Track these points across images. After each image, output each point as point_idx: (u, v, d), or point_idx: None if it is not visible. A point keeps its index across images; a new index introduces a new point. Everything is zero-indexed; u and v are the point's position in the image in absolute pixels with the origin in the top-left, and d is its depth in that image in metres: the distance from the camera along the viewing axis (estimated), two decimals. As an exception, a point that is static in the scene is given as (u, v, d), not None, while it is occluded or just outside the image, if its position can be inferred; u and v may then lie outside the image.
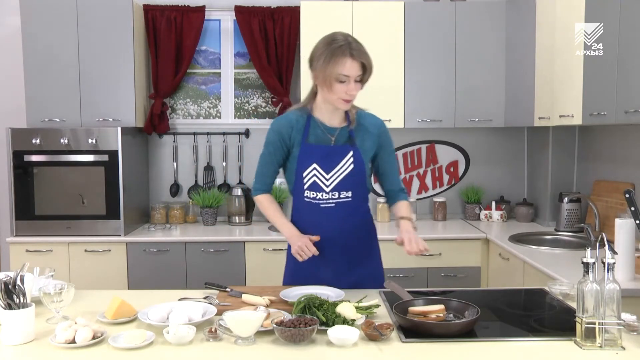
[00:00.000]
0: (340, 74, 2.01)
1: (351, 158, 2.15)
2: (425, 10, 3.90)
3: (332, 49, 2.01)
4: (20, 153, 3.63)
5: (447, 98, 3.93)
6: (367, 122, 2.21)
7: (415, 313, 1.79)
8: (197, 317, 1.77)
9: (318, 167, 2.14)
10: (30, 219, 3.65)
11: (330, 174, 2.15)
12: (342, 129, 2.18)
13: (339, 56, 2.00)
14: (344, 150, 2.15)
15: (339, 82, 2.03)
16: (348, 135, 2.17)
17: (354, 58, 2.01)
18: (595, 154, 3.61)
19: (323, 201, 2.16)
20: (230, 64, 4.28)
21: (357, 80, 2.05)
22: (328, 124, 2.18)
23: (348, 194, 2.16)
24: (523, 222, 4.04)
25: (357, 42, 2.05)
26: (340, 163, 2.14)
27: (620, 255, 2.35)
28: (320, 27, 3.80)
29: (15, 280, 1.67)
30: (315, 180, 2.15)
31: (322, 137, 2.17)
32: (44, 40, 3.73)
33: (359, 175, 2.16)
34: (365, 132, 2.20)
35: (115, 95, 3.79)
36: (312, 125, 2.17)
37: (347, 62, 2.00)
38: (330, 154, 2.15)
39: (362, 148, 2.18)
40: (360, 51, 2.02)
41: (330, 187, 2.15)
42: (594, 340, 1.59)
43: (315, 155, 2.14)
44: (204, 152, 4.27)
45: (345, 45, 2.01)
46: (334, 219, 2.17)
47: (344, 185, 2.15)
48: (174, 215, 4.13)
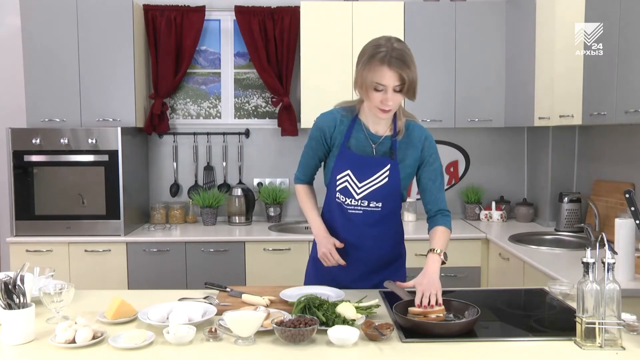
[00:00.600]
0: (377, 82, 1.91)
1: (387, 172, 2.07)
2: (425, 10, 3.90)
3: (371, 54, 1.91)
4: (20, 153, 3.62)
5: (447, 98, 3.93)
6: (414, 134, 2.11)
7: (415, 313, 1.79)
8: (197, 317, 1.77)
9: (351, 175, 2.08)
10: (30, 219, 3.65)
11: (362, 183, 2.08)
12: (386, 137, 2.09)
13: (376, 64, 1.89)
14: (382, 162, 2.07)
15: (376, 91, 1.93)
16: (390, 145, 2.09)
17: (391, 68, 1.89)
18: (595, 154, 3.61)
19: (351, 207, 2.12)
20: (230, 64, 4.27)
21: (396, 90, 1.92)
22: (372, 130, 2.10)
23: (378, 204, 2.10)
24: (523, 222, 4.04)
25: (402, 50, 1.91)
26: (375, 175, 2.07)
27: (620, 255, 2.35)
28: (320, 27, 3.82)
29: (15, 280, 1.67)
30: (346, 186, 2.10)
31: (363, 142, 2.09)
32: (44, 40, 3.73)
33: (392, 189, 2.09)
34: (410, 145, 2.10)
35: (115, 95, 3.79)
36: (356, 127, 2.10)
37: (383, 71, 1.89)
38: (367, 164, 2.08)
39: (403, 162, 2.09)
40: (400, 61, 1.89)
41: (360, 196, 2.09)
42: (594, 340, 1.59)
43: (351, 163, 2.08)
44: (204, 152, 4.27)
45: (385, 53, 1.89)
46: (360, 225, 2.13)
47: (375, 196, 2.09)
48: (174, 215, 4.12)
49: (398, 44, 1.93)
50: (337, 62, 3.83)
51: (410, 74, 1.91)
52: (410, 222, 4.14)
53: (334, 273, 2.19)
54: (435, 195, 2.15)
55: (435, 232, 2.10)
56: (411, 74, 1.91)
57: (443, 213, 2.14)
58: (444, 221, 2.13)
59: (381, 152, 2.10)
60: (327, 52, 3.85)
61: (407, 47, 1.96)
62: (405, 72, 1.90)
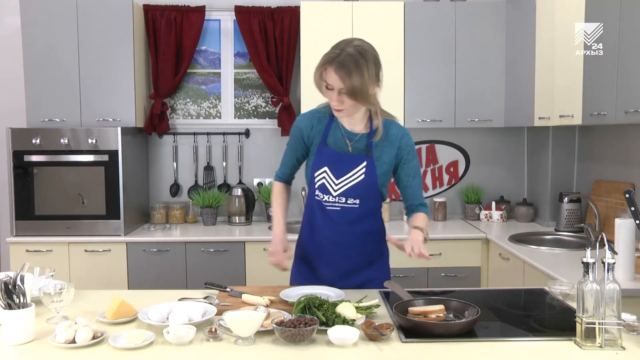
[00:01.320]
0: (325, 81, 1.98)
1: (364, 169, 2.10)
2: (425, 10, 3.90)
3: (325, 53, 1.98)
4: (20, 153, 3.63)
5: (447, 98, 3.93)
6: (391, 132, 2.15)
7: (415, 313, 1.79)
8: (197, 317, 1.77)
9: (328, 171, 2.12)
10: (30, 219, 3.65)
11: (339, 180, 2.12)
12: (362, 135, 2.13)
13: (324, 63, 1.96)
14: (358, 159, 2.11)
15: (327, 89, 1.99)
16: (367, 143, 2.12)
17: (334, 70, 1.93)
18: (595, 154, 3.61)
19: (329, 204, 2.14)
20: (230, 64, 4.28)
21: (343, 92, 1.96)
22: (349, 128, 2.13)
23: (356, 201, 2.13)
24: (523, 222, 4.04)
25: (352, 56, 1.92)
26: (351, 172, 2.11)
27: (620, 255, 2.35)
28: (320, 27, 3.82)
29: (15, 280, 1.67)
30: (324, 183, 2.13)
31: (340, 140, 2.13)
32: (44, 40, 3.73)
33: (369, 186, 2.12)
34: (386, 143, 2.14)
35: (115, 95, 3.79)
36: (333, 126, 2.14)
37: (329, 73, 1.95)
38: (343, 160, 2.11)
39: (379, 159, 2.12)
40: (343, 67, 1.91)
41: (337, 192, 2.12)
42: (594, 340, 1.59)
43: (328, 159, 2.12)
44: (204, 152, 4.27)
45: (336, 55, 1.93)
46: (339, 222, 2.15)
47: (352, 193, 2.12)
48: (174, 215, 4.13)
49: (354, 49, 1.94)
50: (337, 62, 3.83)
51: (349, 82, 1.92)
52: (410, 222, 4.13)
53: (319, 272, 2.22)
54: (416, 191, 2.22)
55: (418, 215, 2.20)
56: (350, 82, 1.92)
57: (423, 204, 2.24)
58: (424, 210, 2.23)
59: (357, 149, 2.13)
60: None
61: (362, 55, 1.94)
62: (344, 78, 1.92)
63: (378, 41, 3.80)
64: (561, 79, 3.22)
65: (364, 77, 1.93)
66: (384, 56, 3.82)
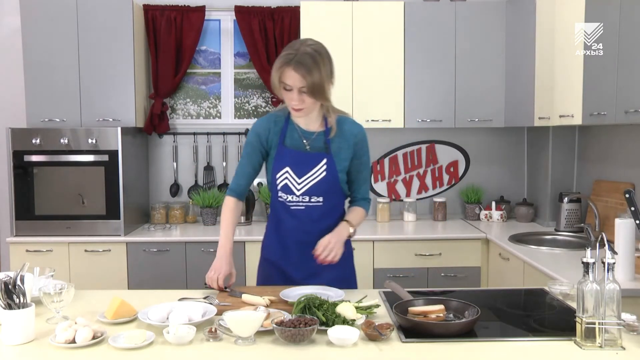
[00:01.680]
0: (283, 82, 2.03)
1: (324, 166, 2.16)
2: (425, 10, 3.90)
3: (280, 56, 2.03)
4: (20, 153, 3.62)
5: (447, 98, 3.93)
6: (346, 129, 2.20)
7: (415, 313, 1.79)
8: (197, 317, 1.77)
9: (290, 171, 2.16)
10: (30, 219, 3.65)
11: (301, 179, 2.16)
12: (318, 134, 2.18)
13: (281, 64, 2.01)
14: (318, 157, 2.16)
15: (285, 90, 2.05)
16: (324, 141, 2.17)
17: (294, 69, 1.99)
18: (595, 154, 3.61)
19: (293, 203, 2.19)
20: (230, 64, 4.28)
21: (303, 91, 2.02)
22: (305, 127, 2.19)
23: (319, 199, 2.18)
24: (523, 222, 4.04)
25: (310, 54, 2.00)
26: (313, 170, 2.16)
27: (620, 255, 2.35)
28: (320, 27, 3.82)
29: (15, 280, 1.67)
30: (287, 183, 2.17)
31: (298, 140, 2.18)
32: (44, 40, 3.73)
33: (331, 183, 2.18)
34: (343, 140, 2.19)
35: (115, 95, 3.79)
36: (289, 127, 2.20)
37: (288, 72, 2.00)
38: (303, 160, 2.16)
39: (338, 156, 2.18)
40: (302, 64, 1.98)
41: (301, 192, 2.17)
42: (594, 340, 1.59)
43: (289, 159, 2.16)
44: (204, 152, 4.27)
45: (291, 56, 1.99)
46: (304, 220, 2.20)
47: (315, 191, 2.17)
48: (174, 215, 4.13)
49: (310, 48, 2.03)
50: (337, 62, 3.77)
51: (310, 79, 2.00)
52: (410, 222, 4.14)
53: (285, 271, 2.24)
54: (361, 186, 2.29)
55: (354, 209, 2.29)
56: (311, 79, 2.00)
57: (366, 200, 2.32)
58: (364, 205, 2.31)
59: (316, 147, 2.18)
60: None
61: (319, 53, 2.04)
62: (305, 76, 1.99)
63: (378, 41, 3.85)
64: (561, 79, 3.22)
65: (322, 73, 2.03)
66: (384, 56, 3.87)
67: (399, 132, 4.20)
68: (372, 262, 3.63)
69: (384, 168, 4.29)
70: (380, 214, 4.14)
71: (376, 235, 3.73)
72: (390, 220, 4.16)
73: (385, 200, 4.16)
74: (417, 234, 3.77)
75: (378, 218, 4.15)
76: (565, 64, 3.15)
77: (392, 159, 4.29)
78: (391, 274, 3.57)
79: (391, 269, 3.62)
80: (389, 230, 3.90)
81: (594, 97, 2.85)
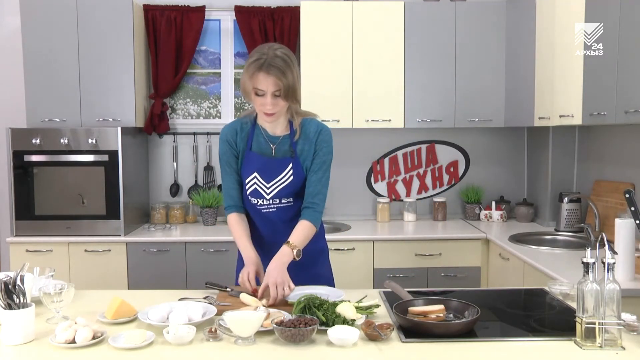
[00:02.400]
0: (255, 87, 2.02)
1: (290, 170, 2.16)
2: (425, 10, 3.90)
3: (251, 61, 2.02)
4: (20, 153, 3.62)
5: (447, 98, 3.93)
6: (309, 129, 2.19)
7: (415, 313, 1.79)
8: (197, 317, 1.77)
9: (258, 177, 2.17)
10: (30, 219, 3.65)
11: (270, 184, 2.17)
12: (283, 137, 2.18)
13: (254, 70, 2.00)
14: (284, 162, 2.16)
15: (257, 95, 2.04)
16: (289, 144, 2.17)
17: (267, 74, 1.98)
18: (595, 154, 3.61)
19: (264, 206, 2.20)
20: (230, 64, 4.28)
21: (276, 95, 2.02)
22: (270, 132, 2.19)
23: (289, 199, 2.19)
24: (523, 222, 4.04)
25: (280, 57, 2.00)
26: (280, 175, 2.16)
27: (620, 255, 2.35)
28: (320, 27, 3.82)
29: (15, 280, 1.67)
30: (256, 188, 2.18)
31: (264, 145, 2.18)
32: (44, 40, 3.73)
33: (298, 185, 2.18)
34: (306, 140, 2.18)
35: (115, 95, 3.79)
36: (255, 132, 2.20)
37: (260, 77, 2.00)
38: (269, 166, 2.16)
39: (302, 157, 2.18)
40: (275, 68, 1.98)
41: (270, 195, 2.18)
42: (594, 340, 1.59)
43: (256, 165, 2.17)
44: (204, 152, 4.27)
45: (264, 60, 1.99)
46: (276, 221, 2.21)
47: (284, 193, 2.18)
48: (174, 215, 4.13)
49: (280, 52, 2.04)
50: (337, 62, 3.84)
51: (285, 81, 2.00)
52: (410, 222, 4.14)
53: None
54: (313, 187, 2.18)
55: (298, 225, 2.15)
56: (286, 80, 2.00)
57: (314, 208, 2.17)
58: (312, 216, 2.16)
59: (281, 151, 2.18)
60: (327, 52, 3.85)
61: (288, 56, 2.05)
62: (280, 79, 1.99)
63: (378, 41, 3.85)
64: (561, 79, 3.22)
65: (294, 75, 2.04)
66: (384, 56, 3.87)
67: (399, 132, 4.20)
68: (372, 262, 3.64)
69: (384, 168, 4.29)
70: (380, 214, 4.14)
71: (376, 235, 3.73)
72: (390, 220, 4.16)
73: (385, 200, 4.16)
74: (417, 234, 3.77)
75: (378, 218, 4.15)
76: (565, 64, 3.15)
77: (392, 159, 4.29)
78: (391, 274, 3.57)
79: (391, 269, 3.62)
80: (389, 230, 3.90)
81: (594, 97, 2.86)
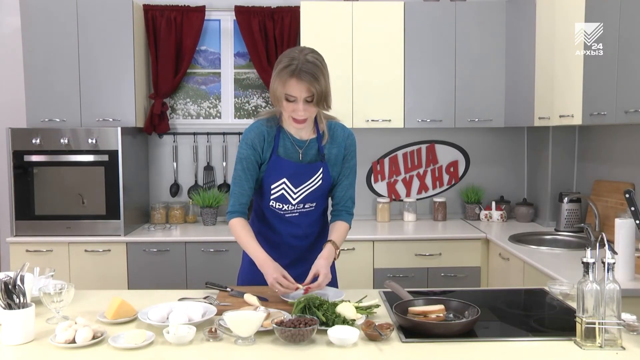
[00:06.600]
0: (287, 93, 1.98)
1: (321, 174, 2.16)
2: (425, 10, 3.90)
3: (282, 67, 1.97)
4: (20, 153, 3.62)
5: (447, 98, 3.93)
6: (337, 133, 2.19)
7: (415, 313, 1.79)
8: (197, 317, 1.77)
9: (288, 182, 2.14)
10: (30, 219, 3.65)
11: (298, 189, 2.15)
12: (311, 141, 2.16)
13: (286, 76, 1.96)
14: (314, 167, 2.15)
15: (287, 101, 2.00)
16: (317, 148, 2.16)
17: (300, 80, 1.95)
18: (595, 154, 3.61)
19: (288, 212, 2.19)
20: (230, 64, 4.28)
21: (308, 100, 1.98)
22: (297, 136, 2.15)
23: (312, 204, 2.19)
24: (523, 222, 4.04)
25: (312, 63, 1.96)
26: (310, 179, 2.15)
27: (620, 255, 2.35)
28: (320, 27, 3.82)
29: (15, 280, 1.67)
30: (283, 194, 2.15)
31: (290, 150, 2.14)
32: (44, 40, 3.73)
33: (325, 189, 2.19)
34: (334, 145, 2.18)
35: (115, 95, 3.79)
36: (281, 137, 2.14)
37: (292, 83, 1.96)
38: (301, 171, 2.14)
39: (330, 161, 2.18)
40: (309, 74, 1.94)
41: (296, 200, 2.17)
42: (594, 340, 1.59)
43: (286, 171, 2.13)
44: (204, 152, 4.27)
45: (295, 66, 1.94)
46: (296, 226, 2.21)
47: (310, 198, 2.17)
48: (174, 215, 4.13)
49: (311, 56, 1.99)
50: (337, 62, 3.83)
51: (318, 87, 1.97)
52: (410, 222, 4.14)
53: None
54: (345, 191, 2.23)
55: (338, 226, 2.21)
56: (319, 86, 1.97)
57: (348, 211, 2.24)
58: (348, 220, 2.24)
59: (309, 155, 2.16)
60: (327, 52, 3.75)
61: (319, 60, 2.02)
62: (313, 85, 1.96)
63: (378, 41, 3.85)
64: (561, 79, 3.22)
65: (327, 80, 2.02)
66: (384, 56, 3.87)
67: (399, 132, 4.20)
68: (372, 262, 3.64)
69: (384, 168, 4.29)
70: (380, 214, 4.14)
71: (376, 235, 3.73)
72: (390, 220, 4.16)
73: (385, 200, 4.16)
74: (417, 234, 3.77)
75: (378, 218, 4.15)
76: (565, 64, 3.15)
77: (392, 159, 4.29)
78: (391, 274, 3.57)
79: (391, 269, 3.62)
80: (389, 230, 3.90)
81: (594, 97, 2.86)
